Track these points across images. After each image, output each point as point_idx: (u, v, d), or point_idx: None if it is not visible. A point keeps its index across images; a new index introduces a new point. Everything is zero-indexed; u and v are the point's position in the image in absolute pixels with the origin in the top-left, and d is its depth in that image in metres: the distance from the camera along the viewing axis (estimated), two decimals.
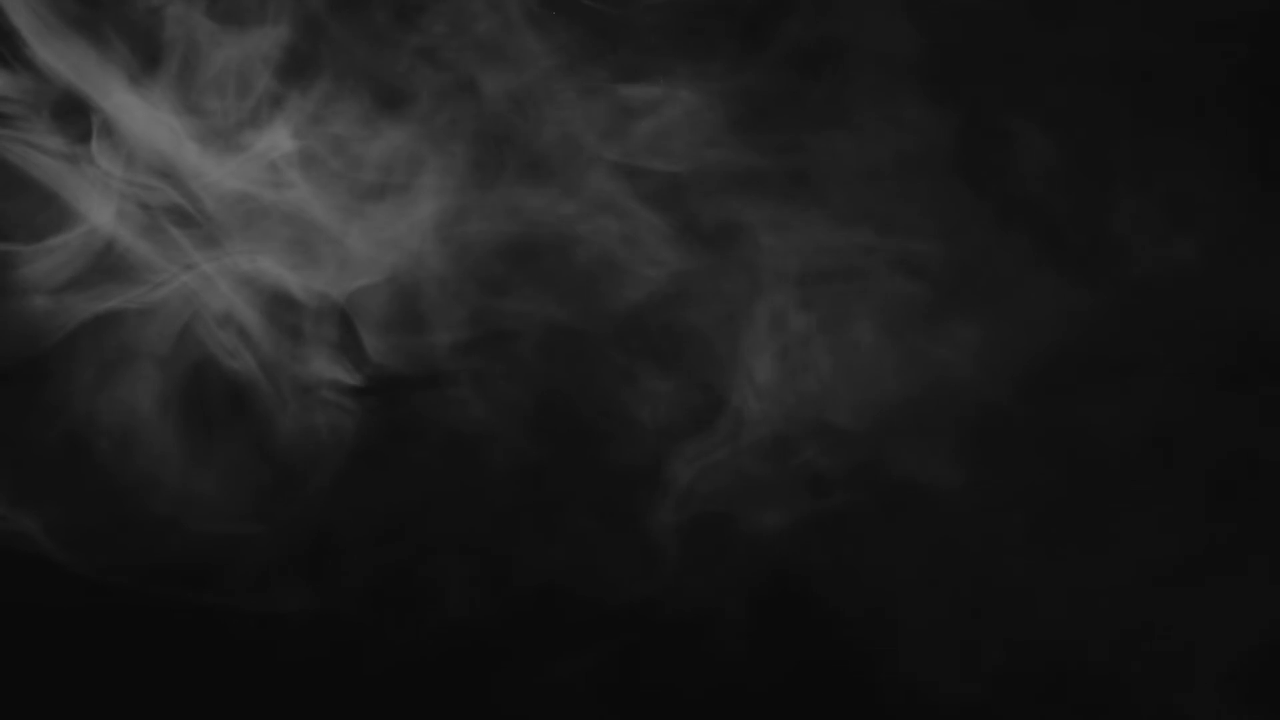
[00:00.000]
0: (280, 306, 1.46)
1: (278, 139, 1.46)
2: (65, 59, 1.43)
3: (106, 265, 1.45)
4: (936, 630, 1.46)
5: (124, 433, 1.45)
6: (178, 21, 1.44)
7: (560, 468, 1.48)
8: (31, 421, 1.45)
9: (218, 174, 1.45)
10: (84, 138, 1.44)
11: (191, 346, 1.46)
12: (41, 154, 1.44)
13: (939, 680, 1.46)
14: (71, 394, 1.45)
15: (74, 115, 1.44)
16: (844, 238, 1.49)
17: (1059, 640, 1.46)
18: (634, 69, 1.48)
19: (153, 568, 1.45)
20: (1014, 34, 1.50)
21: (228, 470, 1.46)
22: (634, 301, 1.48)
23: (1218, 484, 1.46)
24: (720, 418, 1.47)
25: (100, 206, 1.44)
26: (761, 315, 1.48)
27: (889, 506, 1.47)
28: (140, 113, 1.44)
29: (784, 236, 1.48)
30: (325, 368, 1.46)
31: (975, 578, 1.46)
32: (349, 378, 1.46)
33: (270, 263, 1.46)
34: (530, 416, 1.48)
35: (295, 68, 1.46)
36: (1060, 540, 1.46)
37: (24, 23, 1.41)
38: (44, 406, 1.45)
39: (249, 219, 1.46)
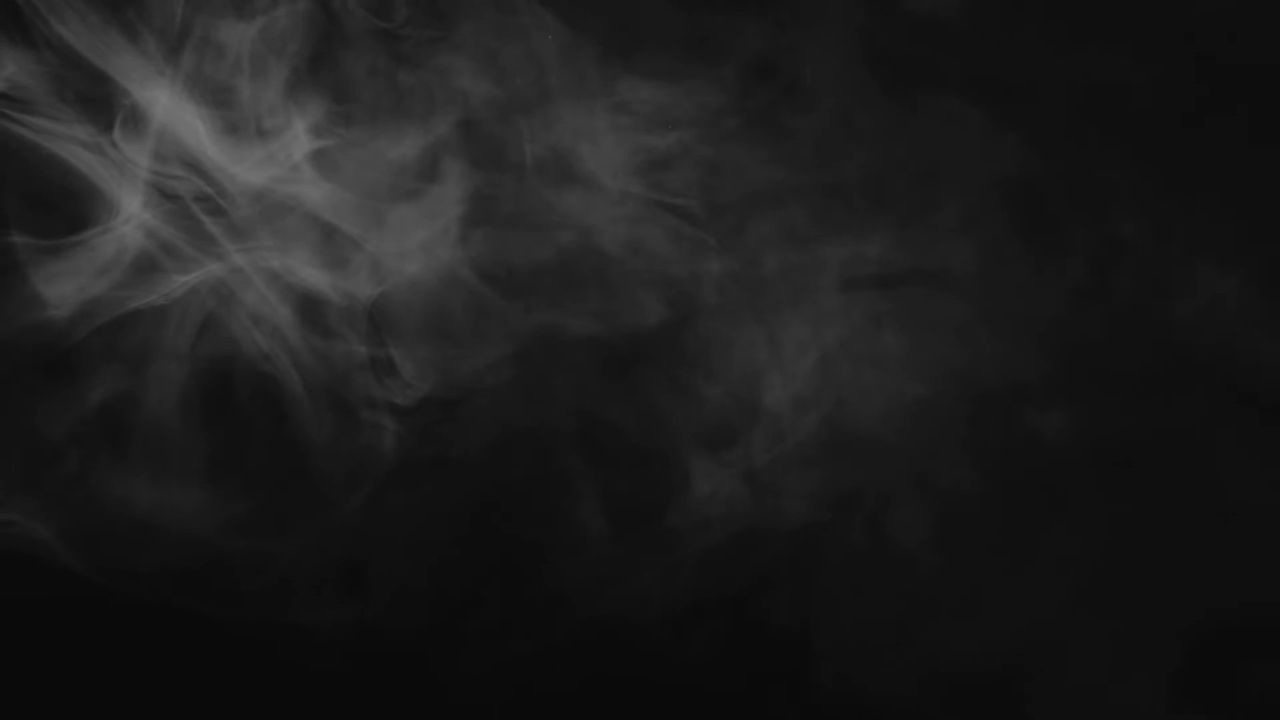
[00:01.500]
0: (306, 308, 1.45)
1: (298, 137, 1.45)
2: (87, 42, 1.42)
3: (134, 258, 1.44)
4: (894, 638, 1.48)
5: (145, 435, 1.45)
6: (201, 13, 1.43)
7: (579, 480, 1.49)
8: (52, 422, 1.44)
9: (238, 169, 1.44)
10: (108, 126, 1.43)
11: (220, 345, 1.45)
12: (67, 142, 1.42)
13: (893, 691, 1.48)
14: (95, 394, 1.44)
15: (98, 102, 1.42)
16: (849, 249, 1.50)
17: (1007, 645, 1.48)
18: (649, 73, 1.49)
19: (168, 576, 1.45)
20: (1021, 51, 1.51)
21: (252, 480, 1.46)
22: (656, 310, 1.49)
23: (1165, 491, 1.48)
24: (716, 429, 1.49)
25: (128, 196, 1.43)
26: (763, 328, 1.50)
27: (855, 518, 1.49)
28: (164, 103, 1.43)
29: (798, 245, 1.50)
30: (354, 377, 1.45)
31: (933, 584, 1.48)
32: (378, 390, 1.46)
33: (293, 262, 1.45)
34: (552, 429, 1.48)
35: (315, 67, 1.45)
36: (1012, 547, 1.48)
37: (43, 2, 1.40)
38: (66, 406, 1.44)
39: (269, 216, 1.45)
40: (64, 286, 1.43)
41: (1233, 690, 1.46)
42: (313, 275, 1.46)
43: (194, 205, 1.44)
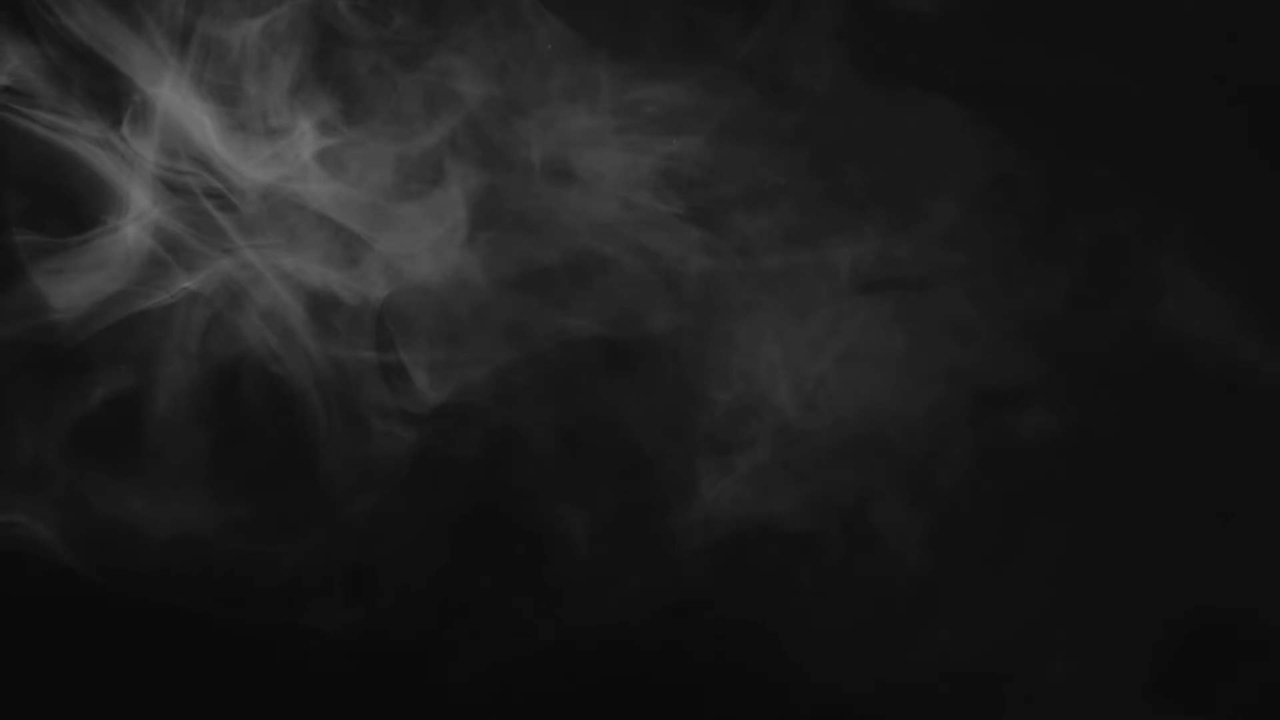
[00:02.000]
0: (316, 307, 1.45)
1: (305, 135, 1.45)
2: (94, 35, 1.41)
3: (142, 256, 1.43)
4: (886, 640, 1.48)
5: (151, 435, 1.44)
6: (207, 9, 1.43)
7: (582, 482, 1.49)
8: (57, 422, 1.43)
9: (245, 165, 1.43)
10: (117, 121, 1.42)
11: (229, 344, 1.44)
12: (76, 137, 1.42)
13: (882, 692, 1.47)
14: (102, 394, 1.43)
15: (106, 97, 1.42)
16: (849, 250, 1.50)
17: (998, 647, 1.47)
18: (652, 74, 1.49)
19: (169, 577, 1.44)
20: (1021, 53, 1.51)
21: (257, 481, 1.45)
22: (659, 312, 1.49)
23: (1131, 492, 1.48)
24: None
25: (137, 191, 1.42)
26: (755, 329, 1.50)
27: (847, 519, 1.49)
28: (172, 98, 1.42)
29: (799, 247, 1.50)
30: (365, 381, 1.45)
31: (924, 586, 1.48)
32: (389, 397, 1.45)
33: (301, 260, 1.45)
34: (565, 434, 1.48)
35: (322, 66, 1.45)
36: (1004, 549, 1.48)
37: None
38: (72, 406, 1.43)
39: (277, 214, 1.44)
40: (71, 285, 1.43)
41: (1218, 691, 1.45)
42: (322, 274, 1.45)
43: (203, 200, 1.43)
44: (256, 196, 1.44)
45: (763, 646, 1.48)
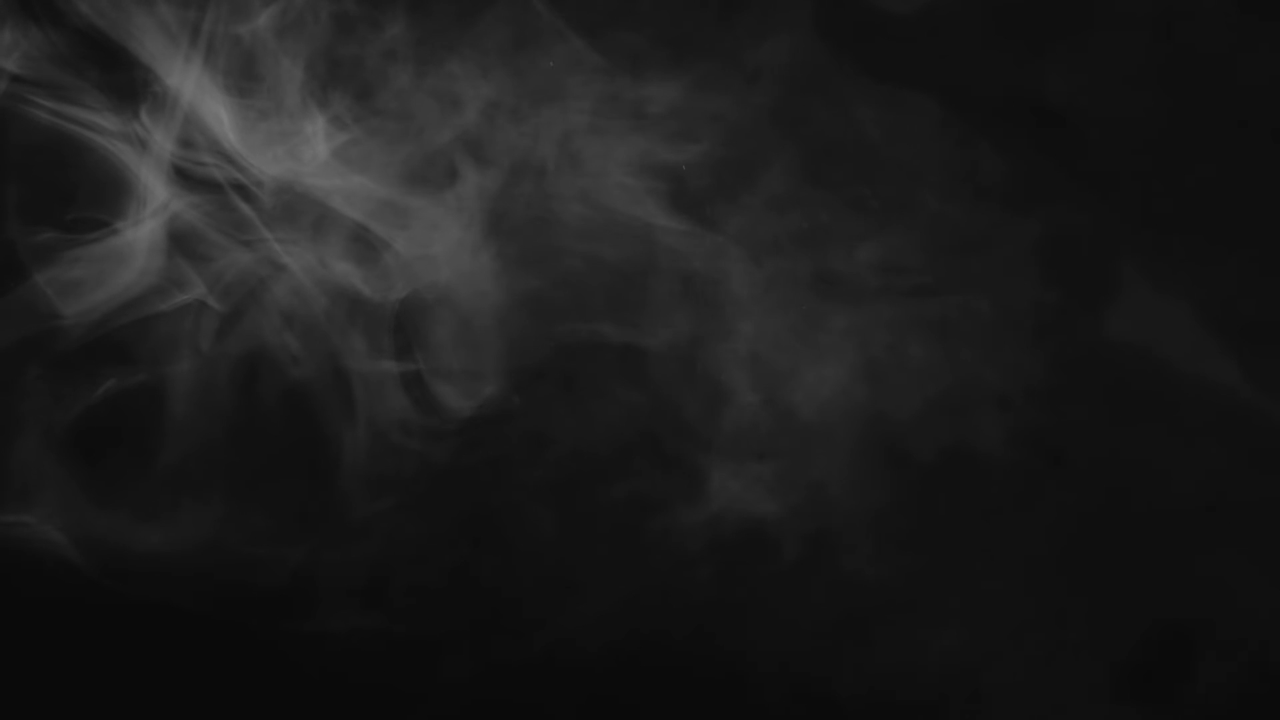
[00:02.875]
0: (332, 307, 1.44)
1: (318, 133, 1.44)
2: (111, 23, 1.40)
3: (157, 252, 1.42)
4: (851, 649, 1.49)
5: (163, 435, 1.44)
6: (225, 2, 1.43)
7: (591, 485, 1.49)
8: (69, 422, 1.43)
9: (260, 159, 1.43)
10: (135, 113, 1.41)
11: (246, 344, 1.43)
12: (93, 130, 1.41)
13: (852, 702, 1.49)
14: (115, 393, 1.43)
15: (124, 87, 1.41)
16: (846, 254, 1.51)
17: (974, 647, 1.49)
18: (661, 78, 1.49)
19: (172, 578, 1.44)
20: (1023, 61, 1.52)
21: (269, 486, 1.45)
22: (664, 316, 1.49)
23: (1106, 493, 1.49)
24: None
25: (155, 182, 1.41)
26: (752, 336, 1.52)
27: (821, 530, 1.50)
28: (190, 89, 1.42)
29: (802, 251, 1.51)
30: (383, 387, 1.44)
31: (879, 595, 1.49)
32: (408, 405, 1.45)
33: (311, 259, 1.44)
34: (567, 437, 1.49)
35: (336, 65, 1.45)
36: (953, 546, 1.49)
37: None
38: (84, 405, 1.43)
39: (290, 213, 1.44)
40: (86, 281, 1.42)
41: (1185, 692, 1.46)
42: (338, 271, 1.44)
43: (220, 194, 1.42)
44: (272, 191, 1.43)
45: (750, 645, 1.48)
